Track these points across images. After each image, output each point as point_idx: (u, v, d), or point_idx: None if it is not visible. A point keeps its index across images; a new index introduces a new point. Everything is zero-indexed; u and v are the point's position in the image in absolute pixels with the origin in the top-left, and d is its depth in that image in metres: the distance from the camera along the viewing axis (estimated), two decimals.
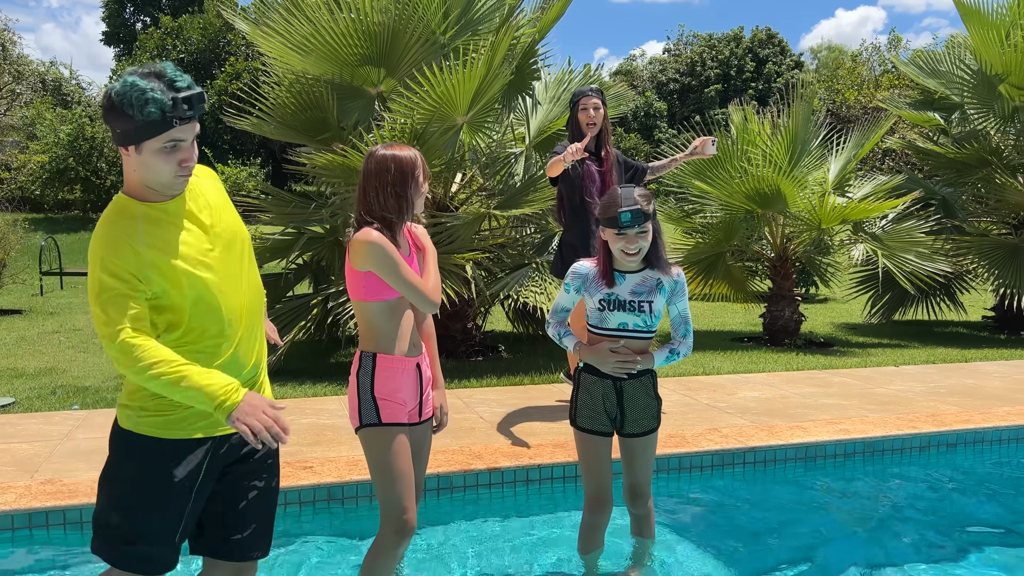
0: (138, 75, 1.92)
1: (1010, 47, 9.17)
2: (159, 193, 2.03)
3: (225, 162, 24.20)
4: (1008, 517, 4.07)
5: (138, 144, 1.94)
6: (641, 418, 2.95)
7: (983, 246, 9.73)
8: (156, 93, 1.89)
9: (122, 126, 1.92)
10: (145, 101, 1.89)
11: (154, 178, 1.99)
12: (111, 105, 1.92)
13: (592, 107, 4.82)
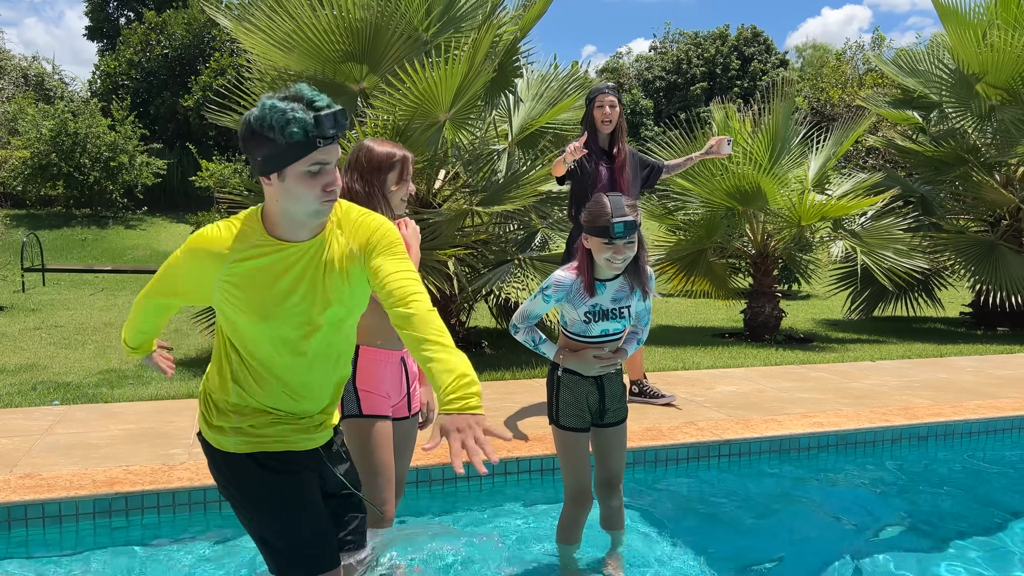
0: (276, 98, 1.85)
1: (987, 47, 9.30)
2: (297, 228, 1.98)
3: (210, 158, 24.10)
4: (976, 507, 4.16)
5: (281, 170, 1.86)
6: (618, 406, 3.03)
7: (960, 243, 9.86)
8: (297, 112, 1.81)
9: (263, 152, 1.85)
10: (287, 121, 1.81)
11: (299, 207, 1.91)
12: (251, 131, 1.85)
13: (608, 104, 4.84)
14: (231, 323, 2.06)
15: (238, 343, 2.08)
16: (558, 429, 2.99)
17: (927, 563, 3.38)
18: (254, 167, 1.90)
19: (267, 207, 1.98)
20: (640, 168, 5.12)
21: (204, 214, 20.55)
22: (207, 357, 7.45)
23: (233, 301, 2.01)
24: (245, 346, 2.07)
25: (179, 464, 4.01)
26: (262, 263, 1.98)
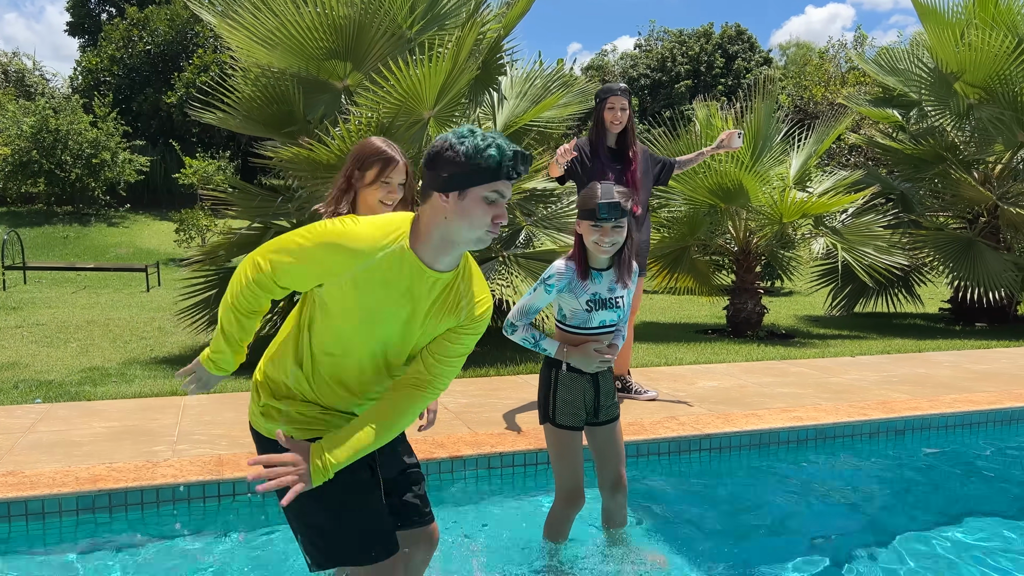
0: (475, 128, 1.98)
1: (965, 46, 9.41)
2: (443, 254, 2.02)
3: (193, 155, 23.97)
4: (951, 499, 4.23)
5: (464, 189, 1.94)
6: (612, 404, 3.09)
7: (939, 240, 9.98)
8: (500, 141, 1.95)
9: (452, 170, 1.94)
10: (487, 145, 1.93)
11: (467, 230, 1.97)
12: (448, 147, 1.95)
13: (619, 107, 4.87)
14: (324, 317, 2.06)
15: (316, 336, 2.09)
16: (554, 428, 3.00)
17: (903, 553, 3.44)
18: (434, 183, 1.96)
19: (422, 225, 2.01)
20: (652, 165, 5.14)
21: (188, 211, 20.49)
22: (192, 355, 7.45)
23: (343, 299, 2.02)
24: (324, 341, 2.09)
25: (163, 461, 4.02)
26: (395, 277, 2.00)
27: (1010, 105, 9.42)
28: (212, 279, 7.64)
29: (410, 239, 2.01)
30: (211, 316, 7.43)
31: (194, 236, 20.27)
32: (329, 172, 6.72)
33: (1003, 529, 3.74)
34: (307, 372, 2.12)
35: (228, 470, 3.89)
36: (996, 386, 6.09)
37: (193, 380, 2.34)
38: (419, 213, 2.03)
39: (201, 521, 3.67)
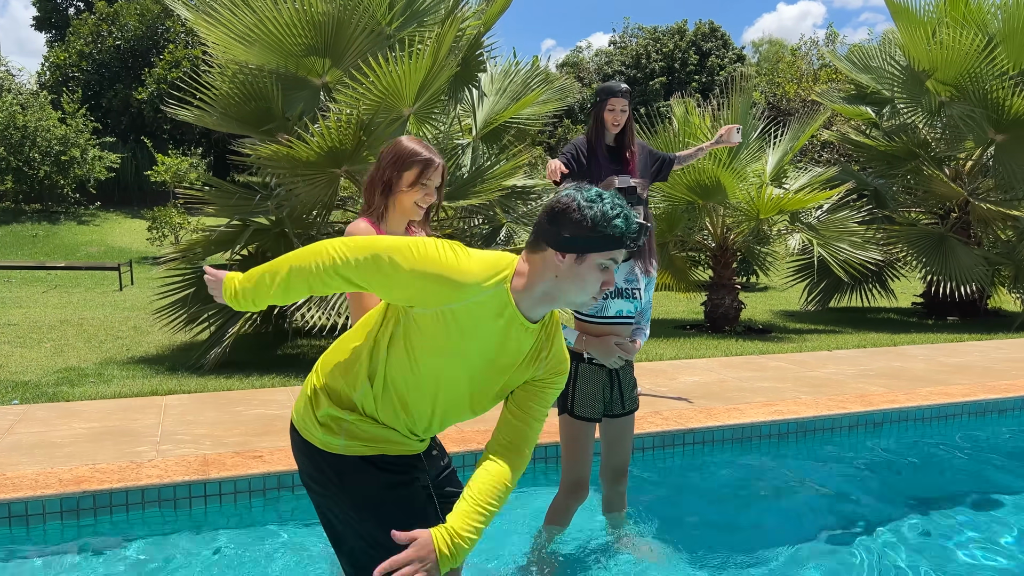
0: (606, 194, 1.96)
1: (936, 44, 9.56)
2: (542, 308, 2.00)
3: (165, 152, 23.67)
4: (928, 489, 4.32)
5: (583, 254, 1.93)
6: (631, 396, 3.14)
7: (912, 235, 10.14)
8: (627, 211, 1.94)
9: (575, 232, 1.91)
10: (616, 216, 1.92)
11: (576, 292, 1.96)
12: (576, 208, 1.92)
13: (620, 109, 4.89)
14: (407, 341, 1.98)
15: (394, 357, 2.01)
16: (571, 419, 3.04)
17: (884, 542, 3.51)
18: (552, 239, 1.93)
19: (529, 275, 1.97)
20: (650, 162, 5.16)
21: (160, 209, 20.25)
22: (169, 355, 7.38)
23: (432, 329, 1.95)
24: (401, 365, 2.01)
25: (147, 461, 3.99)
26: (491, 318, 1.96)
27: (980, 102, 9.59)
28: (189, 277, 7.57)
29: (512, 283, 1.97)
30: (188, 315, 7.37)
31: (167, 234, 20.05)
32: (309, 169, 6.69)
33: (979, 517, 3.82)
34: (376, 390, 2.05)
35: (214, 470, 3.86)
36: (969, 379, 6.21)
37: (210, 283, 2.22)
38: (526, 260, 1.98)
39: (188, 522, 3.65)
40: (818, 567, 3.29)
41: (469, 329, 1.95)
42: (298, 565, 3.27)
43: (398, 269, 1.90)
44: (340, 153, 6.63)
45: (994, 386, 5.90)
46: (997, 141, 9.73)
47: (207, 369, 6.57)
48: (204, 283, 7.52)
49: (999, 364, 6.85)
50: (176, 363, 6.92)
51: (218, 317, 7.15)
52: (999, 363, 6.91)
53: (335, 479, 2.08)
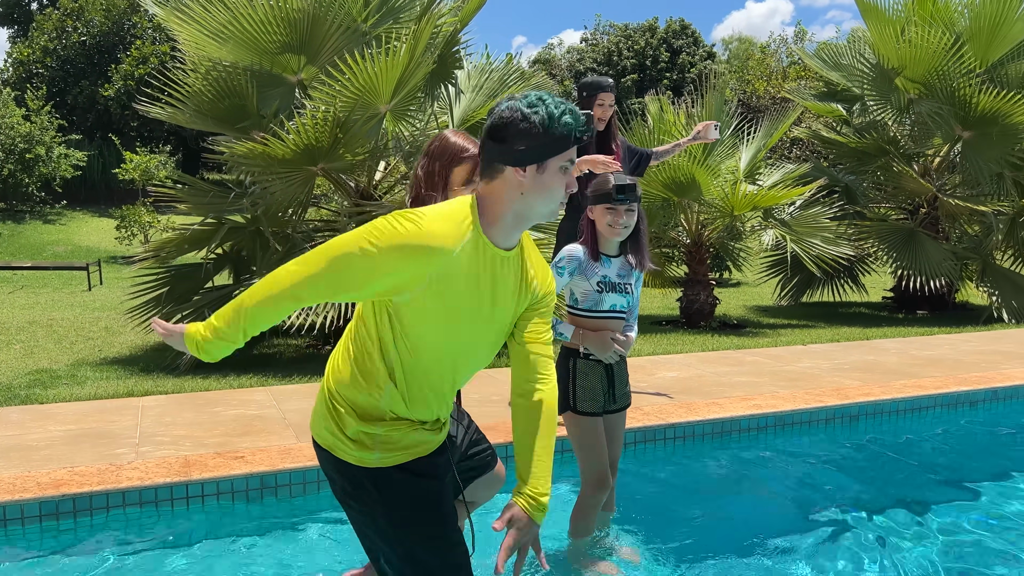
0: (543, 95, 1.87)
1: (905, 43, 9.71)
2: (524, 222, 1.93)
3: (133, 150, 23.33)
4: (903, 480, 4.40)
5: (543, 162, 1.85)
6: (625, 392, 3.18)
7: (882, 230, 10.30)
8: (571, 106, 1.86)
9: (529, 142, 1.83)
10: (562, 113, 1.84)
11: (545, 203, 1.89)
12: (521, 118, 1.83)
13: (608, 104, 4.88)
14: (408, 327, 1.90)
15: (405, 349, 1.93)
16: (576, 415, 3.04)
17: (862, 532, 3.57)
18: (506, 157, 1.85)
19: (493, 205, 1.89)
20: (629, 157, 5.18)
21: (129, 208, 19.98)
22: (143, 355, 7.28)
23: (424, 303, 1.86)
24: (416, 351, 1.93)
25: (127, 464, 3.94)
26: (476, 267, 1.88)
27: (948, 100, 9.76)
28: (163, 276, 7.48)
29: (481, 221, 1.89)
30: (162, 315, 7.27)
31: (136, 233, 19.78)
32: (284, 167, 6.64)
33: (953, 506, 3.90)
34: (402, 389, 1.97)
35: (195, 471, 3.82)
36: (941, 371, 6.32)
37: (165, 336, 2.11)
38: (485, 192, 1.90)
39: (170, 524, 3.61)
40: (799, 559, 3.34)
41: (462, 286, 1.87)
42: (282, 565, 3.25)
43: (371, 256, 1.79)
44: (316, 150, 6.58)
45: (965, 378, 6.02)
46: (964, 138, 9.91)
47: (183, 369, 6.50)
48: (177, 281, 7.48)
49: (969, 357, 6.99)
50: (151, 363, 6.83)
51: (193, 317, 7.06)
52: (969, 356, 7.05)
53: (374, 493, 2.01)
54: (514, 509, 1.96)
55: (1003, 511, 3.87)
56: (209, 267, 7.47)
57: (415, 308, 1.87)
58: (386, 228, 1.80)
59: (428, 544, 2.01)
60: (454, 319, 1.89)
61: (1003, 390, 5.78)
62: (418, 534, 2.00)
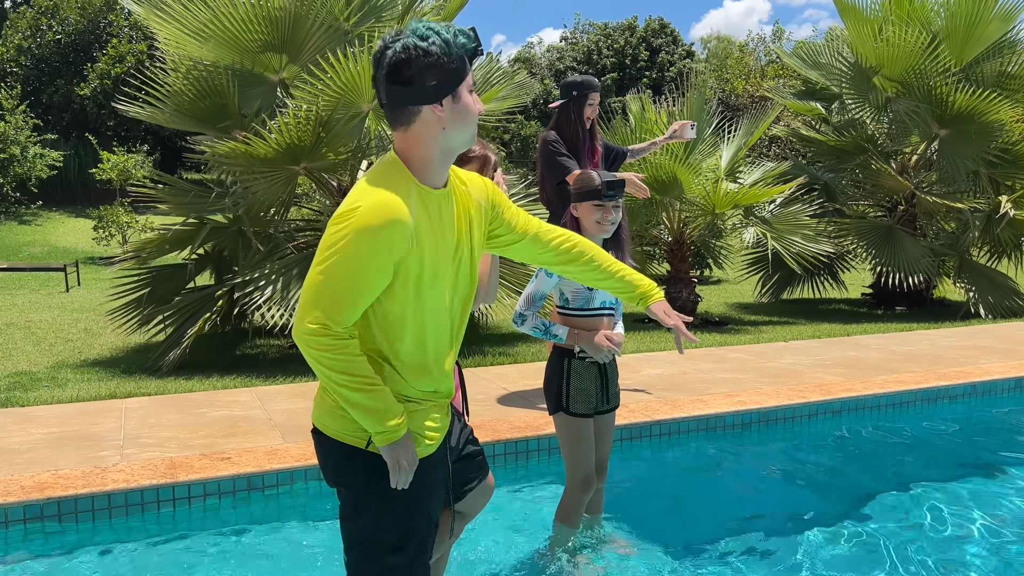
0: (424, 23, 1.82)
1: (883, 42, 9.82)
2: (451, 156, 1.91)
3: (110, 149, 23.08)
4: (886, 474, 4.45)
5: (455, 90, 1.81)
6: (615, 391, 3.19)
7: (861, 228, 10.40)
8: (458, 27, 1.82)
9: (437, 76, 1.78)
10: (454, 35, 1.79)
11: (465, 131, 1.86)
12: (422, 52, 1.77)
13: (598, 104, 4.88)
14: (391, 303, 1.88)
15: (395, 325, 1.90)
16: (568, 416, 3.03)
17: (845, 526, 3.62)
18: (420, 97, 1.80)
19: (412, 152, 1.87)
20: (604, 153, 5.19)
21: (107, 208, 19.76)
22: (124, 357, 7.22)
23: (408, 269, 1.84)
24: (406, 323, 1.90)
25: (112, 466, 3.90)
26: (429, 221, 1.86)
27: (925, 98, 9.88)
28: (144, 277, 7.42)
29: (414, 173, 1.87)
30: (143, 316, 7.21)
31: (114, 233, 19.57)
32: (267, 166, 6.60)
33: (935, 500, 3.95)
34: (399, 366, 1.94)
35: (182, 473, 3.80)
36: (921, 366, 6.41)
37: (400, 471, 1.93)
38: (405, 140, 1.87)
39: (156, 526, 3.59)
40: (786, 553, 3.37)
41: (427, 245, 1.86)
42: (270, 566, 3.24)
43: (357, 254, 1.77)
44: (299, 150, 6.55)
45: (944, 373, 6.10)
46: (941, 136, 10.03)
47: (165, 371, 6.45)
48: (159, 282, 7.41)
49: (948, 352, 7.09)
50: (132, 365, 6.77)
51: (175, 318, 7.02)
52: (948, 351, 7.14)
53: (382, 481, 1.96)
54: (662, 303, 2.38)
55: (983, 503, 3.93)
56: (191, 267, 7.42)
57: (402, 277, 1.85)
58: (345, 224, 1.77)
59: (422, 523, 2.00)
60: (432, 276, 1.88)
61: (981, 384, 5.87)
62: (417, 514, 1.99)
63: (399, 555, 1.96)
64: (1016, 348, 7.25)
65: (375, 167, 1.90)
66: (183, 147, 7.51)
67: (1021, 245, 10.56)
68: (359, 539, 1.98)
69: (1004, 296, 10.00)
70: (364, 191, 1.81)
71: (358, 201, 1.79)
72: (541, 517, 3.61)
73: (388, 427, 1.86)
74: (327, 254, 1.80)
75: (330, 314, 1.80)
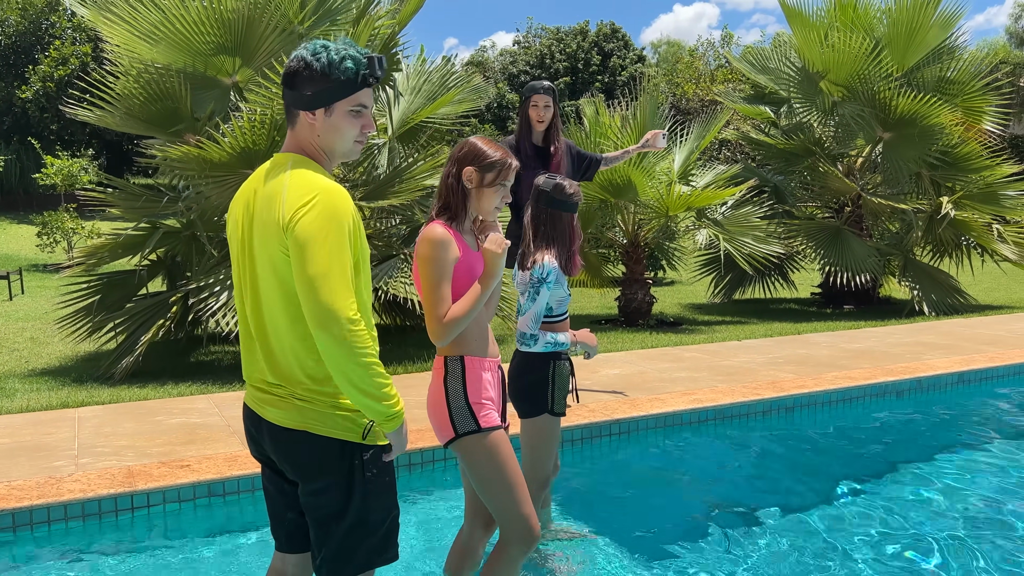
0: (327, 42, 1.98)
1: (828, 47, 10.08)
2: (334, 160, 2.06)
3: (54, 153, 22.49)
4: (839, 467, 4.59)
5: (330, 105, 1.97)
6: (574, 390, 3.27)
7: (810, 229, 10.66)
8: (352, 51, 1.97)
9: (315, 87, 1.96)
10: (343, 58, 1.95)
11: (340, 143, 2.02)
12: (305, 66, 1.96)
13: (543, 105, 4.90)
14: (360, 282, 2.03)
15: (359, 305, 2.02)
16: (551, 417, 3.05)
17: (800, 518, 3.72)
18: (298, 102, 1.98)
19: (308, 150, 2.03)
20: (578, 161, 5.21)
21: (51, 213, 19.23)
22: (75, 365, 7.06)
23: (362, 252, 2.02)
24: (365, 305, 2.05)
25: (67, 476, 3.83)
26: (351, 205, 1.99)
27: (869, 102, 10.17)
28: (94, 284, 7.27)
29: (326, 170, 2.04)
30: (93, 324, 7.07)
31: (59, 240, 19.06)
32: (220, 170, 6.52)
33: (886, 490, 4.09)
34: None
35: (140, 481, 3.75)
36: (869, 363, 6.60)
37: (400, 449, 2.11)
38: (294, 138, 2.03)
39: (114, 536, 3.53)
40: (742, 545, 3.46)
41: (359, 224, 2.01)
42: (233, 574, 3.22)
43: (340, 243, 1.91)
44: (253, 154, 6.48)
45: (892, 369, 6.30)
46: (884, 139, 10.34)
47: (118, 379, 6.33)
48: (109, 289, 7.26)
49: (895, 349, 7.31)
50: (83, 374, 6.63)
51: (127, 325, 6.89)
52: (894, 348, 7.37)
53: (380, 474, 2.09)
54: None
55: (928, 494, 4.08)
56: (143, 273, 7.29)
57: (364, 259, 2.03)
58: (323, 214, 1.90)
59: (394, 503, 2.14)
60: (365, 259, 2.04)
61: (927, 379, 6.08)
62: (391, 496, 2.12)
63: (386, 535, 2.10)
64: (958, 344, 7.51)
65: (297, 165, 2.00)
66: (131, 151, 7.38)
67: (961, 245, 10.93)
68: (349, 527, 2.05)
69: (946, 294, 10.34)
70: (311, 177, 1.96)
71: (311, 183, 1.94)
72: None
73: (397, 410, 1.99)
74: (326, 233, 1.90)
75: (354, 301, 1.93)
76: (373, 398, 1.93)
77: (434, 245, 2.41)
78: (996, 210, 10.65)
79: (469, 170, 2.51)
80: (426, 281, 2.41)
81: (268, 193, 1.98)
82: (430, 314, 2.41)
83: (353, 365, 1.89)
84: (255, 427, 2.12)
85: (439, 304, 2.39)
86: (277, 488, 2.18)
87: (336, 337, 1.87)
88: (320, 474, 2.04)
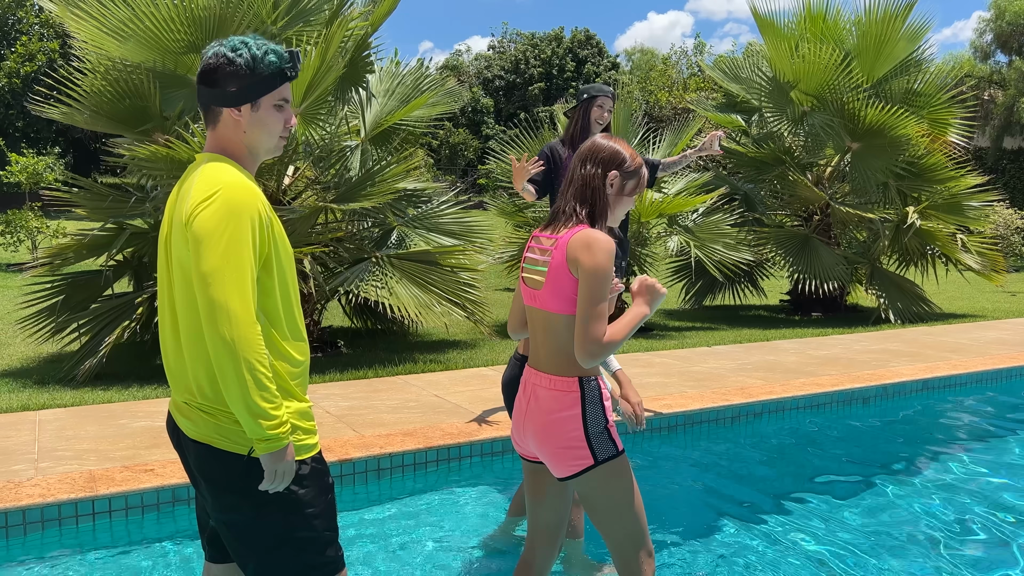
0: (245, 38, 1.97)
1: (799, 58, 10.21)
2: (258, 158, 2.04)
3: (19, 151, 22.07)
4: (806, 473, 4.63)
5: (256, 100, 1.96)
6: None
7: (779, 236, 10.77)
8: (272, 46, 1.97)
9: (239, 83, 1.94)
10: (265, 52, 1.95)
11: (267, 139, 2.01)
12: (227, 62, 1.94)
13: (607, 108, 4.86)
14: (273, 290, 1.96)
15: (285, 315, 1.99)
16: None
17: (770, 522, 3.75)
18: (221, 100, 1.96)
19: (230, 149, 2.00)
20: None
21: (15, 212, 18.86)
22: (36, 367, 6.92)
23: (277, 249, 1.97)
24: (287, 311, 2.00)
25: (26, 480, 3.75)
26: (262, 205, 1.96)
27: (838, 112, 10.31)
28: (58, 284, 7.13)
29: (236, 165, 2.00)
30: (56, 324, 6.93)
31: (23, 239, 18.70)
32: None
33: (853, 493, 4.14)
34: (295, 360, 2.01)
35: (102, 486, 3.67)
36: (836, 369, 6.68)
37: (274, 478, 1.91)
38: (215, 139, 2.00)
39: (75, 541, 3.46)
40: (710, 551, 3.48)
41: (277, 225, 1.99)
42: None
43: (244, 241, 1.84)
44: None
45: (858, 376, 6.38)
46: (853, 149, 10.48)
47: (80, 381, 6.21)
48: (74, 290, 7.14)
49: (861, 356, 7.41)
50: (45, 376, 6.50)
51: (91, 326, 6.77)
52: (861, 355, 7.46)
53: (315, 481, 2.01)
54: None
55: (893, 499, 4.13)
56: (108, 274, 7.17)
57: (275, 254, 1.97)
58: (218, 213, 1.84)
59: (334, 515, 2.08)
60: (289, 256, 2.03)
61: (892, 386, 6.17)
62: (331, 510, 2.06)
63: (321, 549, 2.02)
64: (923, 352, 7.63)
65: (198, 160, 2.00)
66: (99, 149, 7.25)
67: (927, 254, 11.12)
68: (272, 545, 1.97)
69: (912, 302, 10.50)
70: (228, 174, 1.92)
71: (224, 180, 1.89)
72: (471, 524, 3.63)
73: (276, 434, 1.85)
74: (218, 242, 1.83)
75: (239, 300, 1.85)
76: (251, 413, 1.80)
77: (611, 257, 2.19)
78: (960, 220, 10.84)
79: (614, 174, 2.33)
80: (595, 295, 2.15)
81: (182, 193, 1.95)
82: (587, 331, 2.14)
83: (234, 371, 1.78)
84: (175, 436, 2.06)
85: (600, 321, 2.14)
86: (201, 495, 2.11)
87: (222, 337, 1.77)
88: (226, 490, 1.96)
